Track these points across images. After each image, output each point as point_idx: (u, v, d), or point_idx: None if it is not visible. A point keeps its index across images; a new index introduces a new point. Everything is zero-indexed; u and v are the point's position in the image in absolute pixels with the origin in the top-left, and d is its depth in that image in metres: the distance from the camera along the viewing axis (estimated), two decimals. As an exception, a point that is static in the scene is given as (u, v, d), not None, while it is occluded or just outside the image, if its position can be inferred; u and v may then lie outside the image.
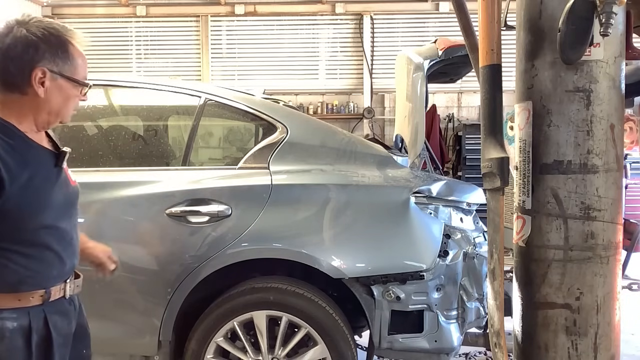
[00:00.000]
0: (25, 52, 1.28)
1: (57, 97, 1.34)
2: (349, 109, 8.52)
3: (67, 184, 1.45)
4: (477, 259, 2.40)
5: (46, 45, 1.30)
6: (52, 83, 1.32)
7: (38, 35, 1.30)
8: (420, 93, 2.67)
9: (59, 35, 1.33)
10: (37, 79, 1.29)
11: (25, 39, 1.28)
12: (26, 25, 1.31)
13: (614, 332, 1.52)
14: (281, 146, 2.43)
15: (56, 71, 1.32)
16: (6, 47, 1.29)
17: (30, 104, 1.32)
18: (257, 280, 2.38)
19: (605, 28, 1.33)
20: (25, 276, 1.31)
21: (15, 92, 1.31)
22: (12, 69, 1.29)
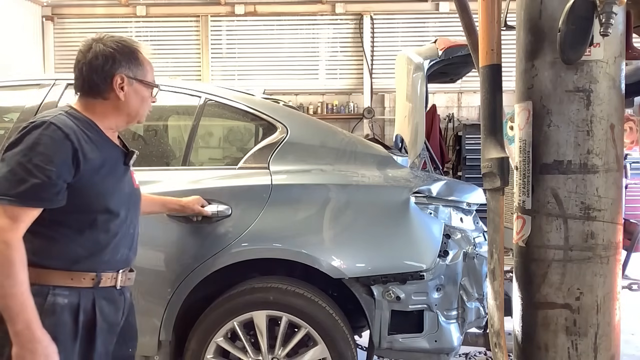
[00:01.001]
0: (105, 63, 1.49)
1: (134, 99, 1.55)
2: (349, 109, 8.52)
3: (131, 184, 1.64)
4: (477, 259, 2.40)
5: (121, 55, 1.51)
6: (130, 87, 1.53)
7: (113, 47, 1.50)
8: (420, 93, 2.67)
9: (129, 46, 1.54)
10: (118, 85, 1.50)
11: (103, 52, 1.49)
12: (102, 41, 1.51)
13: (614, 332, 1.52)
14: (281, 146, 2.43)
15: (132, 76, 1.53)
16: (89, 61, 1.49)
17: (112, 107, 1.53)
18: (257, 280, 2.38)
19: (605, 28, 1.33)
20: (80, 256, 1.45)
21: (98, 98, 1.52)
22: (96, 78, 1.49)
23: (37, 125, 1.38)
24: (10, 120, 2.75)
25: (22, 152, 1.34)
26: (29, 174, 1.33)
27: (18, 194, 1.32)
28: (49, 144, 1.36)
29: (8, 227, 1.31)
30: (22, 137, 1.37)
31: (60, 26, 8.77)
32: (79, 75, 1.51)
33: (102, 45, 1.50)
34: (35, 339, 1.31)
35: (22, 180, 1.32)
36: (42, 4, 8.56)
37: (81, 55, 1.51)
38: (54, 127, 1.38)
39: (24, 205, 1.33)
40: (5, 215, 1.31)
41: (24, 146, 1.35)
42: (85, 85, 1.51)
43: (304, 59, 8.70)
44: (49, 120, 1.38)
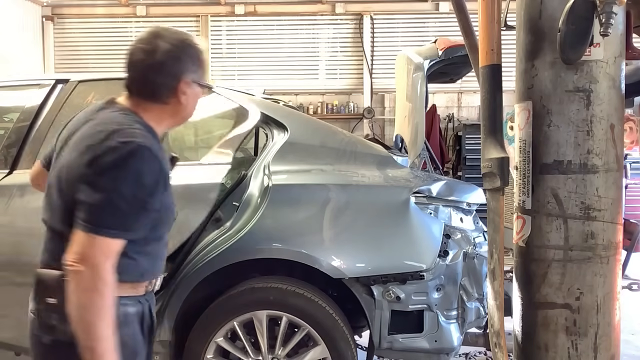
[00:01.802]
0: (173, 66, 1.37)
1: (192, 102, 1.45)
2: (349, 109, 8.52)
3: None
4: (477, 259, 2.40)
5: (187, 57, 1.40)
6: (191, 91, 1.42)
7: (180, 48, 1.38)
8: (420, 93, 2.68)
9: (194, 47, 1.42)
10: (182, 90, 1.39)
11: (171, 54, 1.36)
12: (166, 39, 1.37)
13: (614, 332, 1.52)
14: (281, 146, 2.43)
15: (195, 80, 1.42)
16: (157, 63, 1.36)
17: (170, 110, 1.42)
18: (257, 280, 2.38)
19: (605, 28, 1.33)
20: (146, 269, 1.41)
21: (158, 102, 1.40)
22: (162, 83, 1.37)
23: (134, 151, 1.26)
24: (10, 120, 2.75)
25: (122, 180, 1.25)
26: (130, 206, 1.26)
27: (117, 225, 1.25)
28: (150, 174, 1.29)
29: (105, 261, 1.24)
30: (117, 161, 1.25)
31: (60, 26, 8.78)
32: (140, 77, 1.38)
33: (167, 44, 1.36)
34: None
35: (122, 211, 1.25)
36: (42, 4, 8.55)
37: (144, 54, 1.36)
38: (149, 153, 1.29)
39: (121, 237, 1.27)
40: (102, 248, 1.24)
41: (123, 174, 1.25)
42: (147, 88, 1.38)
43: (304, 59, 8.70)
44: (145, 145, 1.28)
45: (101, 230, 1.24)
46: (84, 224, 1.24)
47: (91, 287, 1.21)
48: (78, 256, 1.22)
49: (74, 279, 1.23)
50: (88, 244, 1.23)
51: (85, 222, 1.24)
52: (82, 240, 1.24)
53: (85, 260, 1.22)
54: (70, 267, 1.23)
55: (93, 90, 2.64)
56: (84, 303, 1.22)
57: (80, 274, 1.22)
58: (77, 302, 1.22)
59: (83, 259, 1.22)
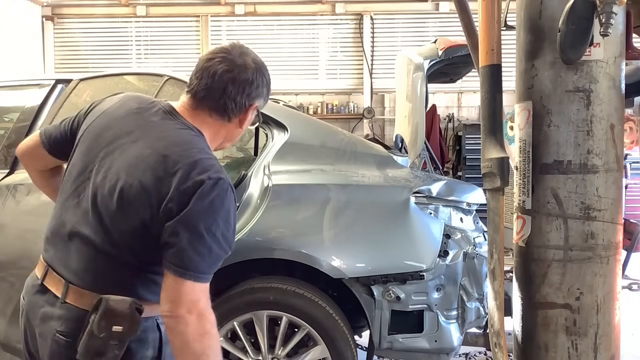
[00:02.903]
0: (254, 89, 1.34)
1: (245, 127, 1.41)
2: (349, 109, 8.52)
3: None
4: (477, 259, 2.40)
5: (264, 85, 1.38)
6: (251, 116, 1.40)
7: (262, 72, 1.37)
8: (420, 93, 2.68)
9: (268, 75, 1.41)
10: (249, 113, 1.37)
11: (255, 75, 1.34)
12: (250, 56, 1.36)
13: (614, 332, 1.52)
14: (281, 146, 2.43)
15: (260, 107, 1.41)
16: (242, 81, 1.32)
17: (227, 130, 1.38)
18: (257, 280, 2.38)
19: (605, 28, 1.33)
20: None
21: (223, 119, 1.35)
22: (239, 100, 1.33)
23: (225, 190, 1.22)
24: (10, 120, 2.75)
25: (218, 225, 1.21)
26: (222, 251, 1.24)
27: (212, 270, 1.24)
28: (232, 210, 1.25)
29: (208, 305, 1.22)
30: (211, 203, 1.20)
31: (60, 26, 8.78)
32: (219, 87, 1.31)
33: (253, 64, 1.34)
34: None
35: (218, 258, 1.24)
36: (42, 4, 8.56)
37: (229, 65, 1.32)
38: (232, 191, 1.25)
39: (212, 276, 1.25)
40: (203, 292, 1.21)
41: (217, 217, 1.21)
42: (221, 101, 1.32)
43: (304, 59, 8.70)
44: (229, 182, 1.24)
45: (202, 278, 1.21)
46: (182, 271, 1.19)
47: (204, 332, 1.20)
48: (182, 303, 1.19)
49: (178, 326, 1.19)
50: (190, 291, 1.19)
51: (185, 270, 1.20)
52: (182, 287, 1.19)
53: (192, 307, 1.19)
54: (174, 314, 1.19)
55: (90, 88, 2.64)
56: (201, 350, 1.20)
57: (187, 321, 1.18)
58: (194, 350, 1.19)
59: (189, 308, 1.19)
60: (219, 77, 1.31)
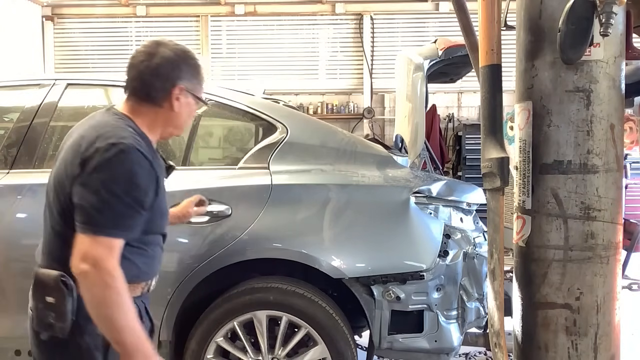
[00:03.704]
0: (171, 70, 1.44)
1: (185, 112, 1.51)
2: (349, 109, 8.52)
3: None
4: (477, 259, 2.40)
5: (186, 66, 1.47)
6: (184, 99, 1.48)
7: (181, 56, 1.47)
8: (420, 93, 2.68)
9: (194, 59, 1.51)
10: (175, 95, 1.45)
11: (170, 59, 1.44)
12: (168, 46, 1.46)
13: (614, 332, 1.52)
14: (281, 146, 2.43)
15: (190, 89, 1.49)
16: (155, 65, 1.43)
17: (163, 116, 1.48)
18: (257, 280, 2.38)
19: (605, 28, 1.33)
20: (141, 270, 1.46)
21: (152, 104, 1.46)
22: (158, 84, 1.44)
23: (124, 151, 1.31)
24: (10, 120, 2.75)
25: (114, 180, 1.30)
26: (124, 206, 1.31)
27: (114, 225, 1.30)
28: (140, 174, 1.34)
29: (108, 257, 1.28)
30: (107, 162, 1.30)
31: (60, 26, 8.78)
32: (137, 76, 1.44)
33: (169, 51, 1.45)
34: None
35: (117, 211, 1.30)
36: (42, 4, 8.55)
37: (145, 56, 1.44)
38: (140, 154, 1.34)
39: (119, 236, 1.31)
40: (102, 246, 1.28)
41: (114, 174, 1.30)
42: (143, 88, 1.44)
43: (304, 59, 8.69)
44: (134, 146, 1.33)
45: (100, 231, 1.28)
46: (83, 226, 1.29)
47: (101, 284, 1.26)
48: (82, 257, 1.27)
49: (83, 280, 1.27)
50: (89, 245, 1.27)
51: (85, 224, 1.29)
52: (83, 242, 1.28)
53: (89, 259, 1.26)
54: (77, 270, 1.27)
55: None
56: (97, 301, 1.26)
57: (87, 274, 1.26)
58: (92, 301, 1.27)
59: (87, 259, 1.26)
60: (136, 68, 1.44)
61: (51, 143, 2.49)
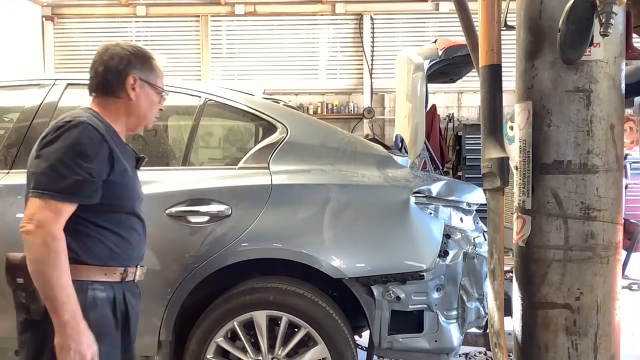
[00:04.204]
0: (120, 63, 1.58)
1: (144, 101, 1.63)
2: (349, 109, 8.52)
3: (140, 186, 1.70)
4: (477, 259, 2.40)
5: (136, 58, 1.61)
6: (141, 89, 1.61)
7: (129, 50, 1.61)
8: (420, 93, 2.67)
9: (145, 52, 1.65)
10: (130, 85, 1.58)
11: (119, 53, 1.59)
12: (119, 45, 1.62)
13: (614, 332, 1.52)
14: (281, 146, 2.43)
15: (144, 79, 1.61)
16: (105, 60, 1.59)
17: (124, 107, 1.61)
18: (257, 280, 2.38)
19: (605, 28, 1.33)
20: (114, 252, 1.54)
21: (112, 97, 1.59)
22: (110, 77, 1.58)
23: (75, 125, 1.45)
24: (10, 120, 2.75)
25: (63, 149, 1.42)
26: (71, 171, 1.41)
27: (60, 189, 1.40)
28: (89, 143, 1.44)
29: (52, 220, 1.38)
30: (59, 135, 1.44)
31: (60, 26, 8.78)
32: (94, 74, 1.60)
33: (119, 48, 1.60)
34: (81, 330, 1.38)
35: (64, 176, 1.40)
36: (42, 4, 8.55)
37: (98, 56, 1.60)
38: (91, 127, 1.46)
39: (66, 200, 1.41)
40: (48, 209, 1.38)
41: (64, 144, 1.42)
42: (100, 84, 1.59)
43: (304, 59, 8.69)
44: (85, 121, 1.46)
45: (46, 194, 1.39)
46: (33, 190, 1.41)
47: (40, 242, 1.36)
48: (29, 218, 1.38)
49: (25, 238, 1.38)
50: (37, 207, 1.39)
51: (34, 189, 1.41)
52: (32, 205, 1.40)
53: (33, 219, 1.37)
54: (23, 229, 1.38)
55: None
56: (36, 257, 1.37)
57: (30, 232, 1.37)
58: (30, 257, 1.38)
59: (32, 219, 1.37)
60: (93, 69, 1.60)
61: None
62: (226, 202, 2.30)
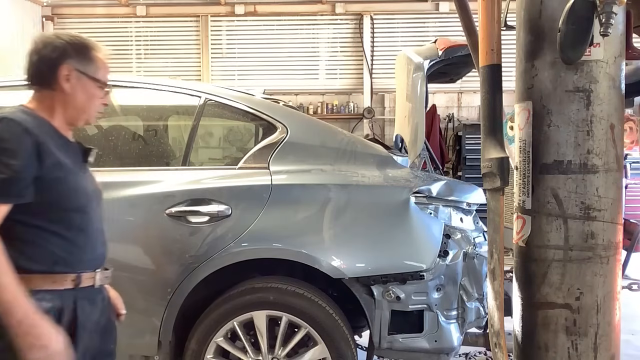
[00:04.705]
0: (53, 52, 1.48)
1: (81, 94, 1.51)
2: (349, 109, 8.52)
3: (93, 181, 1.61)
4: (477, 259, 2.40)
5: (72, 47, 1.50)
6: (77, 81, 1.50)
7: (65, 39, 1.50)
8: (420, 93, 2.67)
9: (83, 42, 1.54)
10: (63, 75, 1.48)
11: (54, 42, 1.49)
12: (57, 35, 1.52)
13: (614, 332, 1.52)
14: (281, 146, 2.43)
15: (80, 70, 1.50)
16: (39, 49, 1.49)
17: (59, 99, 1.50)
18: (257, 280, 2.38)
19: (605, 28, 1.33)
20: (59, 257, 1.43)
21: (46, 88, 1.49)
22: (43, 67, 1.48)
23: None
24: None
25: None
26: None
27: None
28: (9, 138, 1.35)
29: None
30: None
31: (60, 26, 8.77)
32: (29, 64, 1.50)
33: (54, 37, 1.51)
34: (37, 325, 1.31)
35: None
36: (42, 4, 8.55)
37: (34, 45, 1.50)
38: (13, 122, 1.37)
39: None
40: None
41: None
42: (34, 75, 1.50)
43: (304, 59, 8.69)
44: (6, 117, 1.38)
45: None
46: None
47: None
48: None
49: None
50: None
51: None
52: None
53: None
54: None
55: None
56: None
57: None
58: None
59: None
60: (28, 60, 1.51)
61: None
62: (226, 202, 2.30)
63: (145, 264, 2.33)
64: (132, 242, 2.34)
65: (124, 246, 2.31)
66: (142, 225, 2.36)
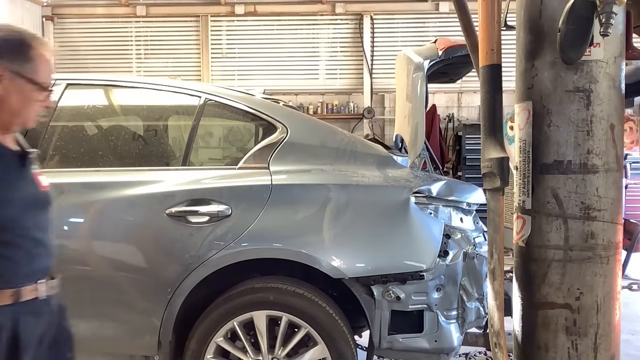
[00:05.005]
0: None
1: (16, 97, 1.36)
2: (349, 109, 8.52)
3: (35, 186, 1.46)
4: (477, 259, 2.40)
5: (7, 45, 1.34)
6: (12, 83, 1.35)
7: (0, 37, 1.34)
8: (420, 93, 2.67)
9: (22, 39, 1.37)
10: None
11: None
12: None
13: (614, 332, 1.52)
14: (281, 146, 2.43)
15: (15, 70, 1.34)
16: None
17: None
18: (257, 280, 2.38)
19: (605, 28, 1.33)
20: None
21: None
22: None
23: None
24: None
25: None
26: None
27: None
28: None
29: None
30: None
31: (60, 26, 8.77)
32: None
33: None
34: None
35: None
36: (42, 4, 8.55)
37: None
38: None
39: None
40: None
41: None
42: None
43: (304, 59, 8.69)
44: None
45: None
46: None
47: None
48: None
49: None
50: None
51: None
52: None
53: None
54: None
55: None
56: None
57: None
58: None
59: None
60: None
61: (51, 143, 2.49)
62: (226, 202, 2.30)
63: (145, 264, 2.33)
64: (132, 242, 2.34)
65: (124, 246, 2.31)
66: (142, 225, 2.36)
